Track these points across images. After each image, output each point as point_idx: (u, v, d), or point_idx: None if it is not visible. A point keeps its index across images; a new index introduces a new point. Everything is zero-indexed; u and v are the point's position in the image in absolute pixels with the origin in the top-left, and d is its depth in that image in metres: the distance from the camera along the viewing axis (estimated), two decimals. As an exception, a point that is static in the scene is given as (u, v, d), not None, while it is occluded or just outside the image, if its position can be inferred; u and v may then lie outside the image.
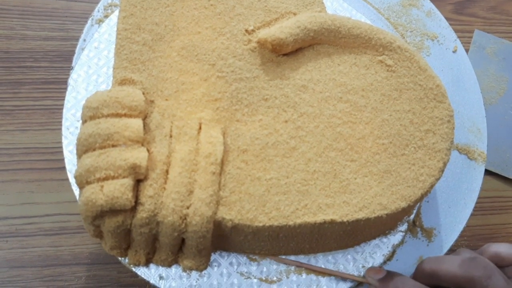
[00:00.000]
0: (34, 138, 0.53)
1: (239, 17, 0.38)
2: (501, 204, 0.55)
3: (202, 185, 0.32)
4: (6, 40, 0.58)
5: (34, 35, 0.58)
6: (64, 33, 0.59)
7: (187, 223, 0.32)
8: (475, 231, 0.53)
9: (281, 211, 0.33)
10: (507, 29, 0.64)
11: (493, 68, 0.61)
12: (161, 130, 0.34)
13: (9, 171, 0.52)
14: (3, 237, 0.49)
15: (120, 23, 0.36)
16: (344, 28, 0.38)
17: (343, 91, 0.37)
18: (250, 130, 0.35)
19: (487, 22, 0.65)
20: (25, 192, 0.51)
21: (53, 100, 0.55)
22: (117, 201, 0.31)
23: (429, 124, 0.37)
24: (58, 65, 0.57)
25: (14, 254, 0.48)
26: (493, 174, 0.55)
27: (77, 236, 0.50)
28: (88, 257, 0.49)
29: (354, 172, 0.35)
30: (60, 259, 0.49)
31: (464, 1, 0.65)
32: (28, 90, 0.56)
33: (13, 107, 0.55)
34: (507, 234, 0.53)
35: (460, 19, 0.64)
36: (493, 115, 0.59)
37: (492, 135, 0.56)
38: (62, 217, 0.50)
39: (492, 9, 0.66)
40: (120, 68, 0.35)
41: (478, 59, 0.61)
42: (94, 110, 0.33)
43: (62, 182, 0.52)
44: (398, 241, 0.40)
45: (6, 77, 0.56)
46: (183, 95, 0.35)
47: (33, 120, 0.54)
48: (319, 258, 0.38)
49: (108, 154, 0.32)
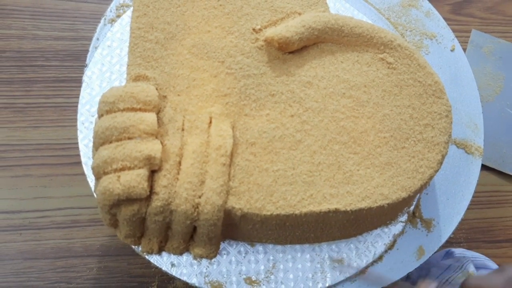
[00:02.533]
0: (45, 134, 0.55)
1: (246, 17, 0.40)
2: (498, 198, 0.57)
3: (213, 175, 0.34)
4: (18, 40, 0.60)
5: (45, 35, 0.60)
6: (74, 33, 0.61)
7: (199, 211, 0.34)
8: (472, 224, 0.55)
9: (288, 200, 0.35)
10: (503, 29, 0.66)
11: (490, 66, 0.63)
12: (173, 124, 0.36)
13: (22, 166, 0.54)
14: (17, 230, 0.51)
15: (133, 22, 0.38)
16: (347, 27, 0.40)
17: (346, 87, 0.39)
18: (258, 124, 0.37)
19: (484, 22, 0.67)
20: (38, 186, 0.53)
21: (64, 98, 0.57)
22: (134, 190, 0.32)
23: (428, 119, 0.39)
24: (68, 64, 0.59)
25: (28, 246, 0.50)
26: (490, 169, 0.57)
27: (88, 229, 0.52)
28: (99, 249, 0.51)
29: (357, 164, 0.37)
30: (72, 251, 0.50)
31: (462, 1, 0.67)
32: (39, 88, 0.58)
33: (25, 105, 0.56)
34: (503, 227, 0.55)
35: (457, 19, 0.66)
36: (490, 112, 0.61)
37: (489, 132, 0.58)
38: (73, 211, 0.52)
39: (489, 9, 0.68)
40: (134, 65, 0.37)
41: (475, 58, 0.63)
42: (110, 104, 0.35)
43: (73, 177, 0.54)
44: (398, 231, 0.41)
45: (18, 76, 0.58)
46: (194, 90, 0.37)
47: (45, 117, 0.56)
48: (323, 247, 0.40)
49: (124, 146, 0.33)
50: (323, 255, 0.39)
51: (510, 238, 0.54)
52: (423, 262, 0.42)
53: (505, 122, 0.59)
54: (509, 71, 0.62)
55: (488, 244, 0.54)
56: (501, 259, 0.53)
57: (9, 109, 0.57)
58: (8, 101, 0.57)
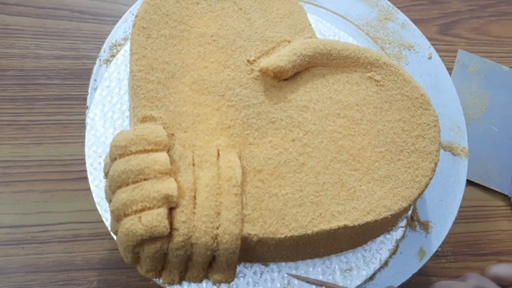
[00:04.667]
0: (47, 151, 0.57)
1: (240, 49, 0.42)
2: (483, 213, 0.60)
3: (228, 206, 0.36)
4: (21, 58, 0.62)
5: (47, 54, 0.62)
6: (75, 52, 0.63)
7: (218, 242, 0.36)
8: (459, 237, 0.58)
9: (299, 222, 0.37)
10: (489, 49, 0.69)
11: (476, 85, 0.66)
12: (184, 160, 0.37)
13: (24, 182, 0.55)
14: (20, 244, 0.52)
15: (133, 65, 0.40)
16: (334, 51, 0.42)
17: (340, 107, 0.42)
18: (262, 152, 0.39)
19: (470, 42, 0.70)
20: (40, 201, 0.55)
21: (66, 115, 0.59)
22: (156, 229, 0.34)
23: (418, 130, 0.42)
24: (69, 82, 0.61)
25: (30, 260, 0.52)
26: (476, 185, 0.61)
27: (89, 243, 0.53)
28: (99, 263, 0.52)
29: (359, 180, 0.39)
30: (73, 264, 0.52)
31: (449, 22, 0.71)
32: (41, 106, 0.59)
33: (28, 122, 0.58)
34: (489, 241, 0.58)
35: (444, 39, 0.69)
36: (475, 130, 0.64)
37: (475, 148, 0.61)
38: (74, 225, 0.54)
39: (475, 30, 0.71)
40: (139, 107, 0.38)
41: (461, 77, 0.66)
42: (122, 148, 0.36)
43: (74, 192, 0.56)
44: (400, 236, 0.44)
45: (21, 94, 0.60)
46: (199, 126, 0.39)
47: (47, 134, 0.58)
48: (332, 259, 0.42)
49: (142, 187, 0.35)
50: (333, 266, 0.42)
51: (495, 252, 0.58)
52: (425, 262, 0.44)
53: (490, 139, 0.62)
54: (494, 90, 0.65)
55: (474, 257, 0.57)
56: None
57: (12, 126, 0.58)
58: (11, 118, 0.59)
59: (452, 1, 0.73)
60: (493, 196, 0.61)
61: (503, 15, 0.73)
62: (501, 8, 0.74)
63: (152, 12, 0.42)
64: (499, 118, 0.65)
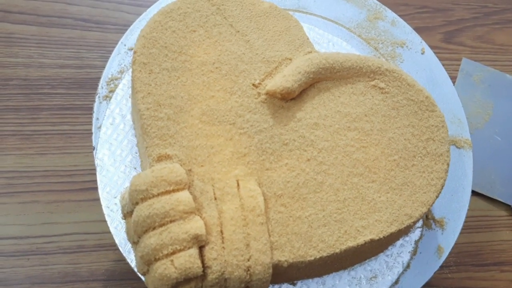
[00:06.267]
0: (52, 161, 0.57)
1: (243, 74, 0.42)
2: (486, 223, 0.61)
3: (256, 236, 0.36)
4: (25, 68, 0.61)
5: (51, 63, 0.61)
6: (79, 61, 0.62)
7: (251, 273, 0.36)
8: (462, 248, 0.58)
9: (326, 242, 0.38)
10: (493, 57, 0.69)
11: (479, 94, 0.66)
12: (206, 195, 0.37)
13: (29, 192, 0.55)
14: (25, 255, 0.52)
15: (140, 103, 0.39)
16: (337, 64, 0.43)
17: (349, 120, 0.42)
18: (280, 176, 0.39)
19: (474, 50, 0.70)
20: (45, 212, 0.54)
21: (70, 125, 0.59)
22: (190, 271, 0.34)
23: (427, 133, 0.42)
24: (73, 92, 0.61)
25: (35, 271, 0.52)
26: (479, 195, 0.61)
27: (94, 254, 0.53)
28: (104, 274, 0.52)
29: (377, 191, 0.40)
30: (78, 275, 0.52)
31: (453, 30, 0.71)
32: (46, 116, 0.59)
33: (32, 132, 0.58)
34: (491, 251, 0.59)
35: (448, 48, 0.69)
36: (479, 139, 0.63)
37: (478, 158, 0.60)
38: (79, 236, 0.54)
39: (479, 38, 0.71)
40: (153, 146, 0.38)
41: (465, 86, 0.66)
42: (143, 192, 0.36)
43: (79, 203, 0.55)
44: (418, 237, 0.45)
45: (25, 103, 0.59)
46: (215, 158, 0.39)
47: (51, 144, 0.58)
48: (357, 269, 0.43)
49: (170, 230, 0.35)
50: (358, 276, 0.42)
51: (497, 262, 0.58)
52: (444, 258, 0.45)
53: (493, 148, 0.62)
54: (497, 98, 0.65)
55: (477, 268, 0.58)
56: (489, 282, 0.57)
57: (17, 136, 0.57)
58: (15, 128, 0.58)
59: (456, 9, 0.73)
60: (496, 206, 0.61)
61: (507, 22, 0.73)
62: (506, 16, 0.74)
63: (150, 46, 0.41)
64: (502, 128, 0.65)
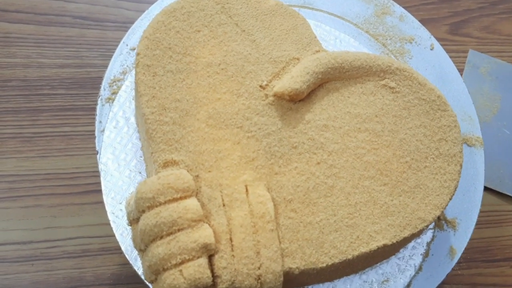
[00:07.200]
0: (54, 164, 0.56)
1: (250, 75, 0.41)
2: (496, 218, 0.59)
3: (266, 244, 0.35)
4: (23, 68, 0.60)
5: (50, 63, 0.60)
6: (79, 60, 0.61)
7: (262, 282, 0.35)
8: (471, 244, 0.56)
9: (338, 248, 0.37)
10: (500, 49, 0.68)
11: (487, 87, 0.64)
12: (214, 202, 0.36)
13: (31, 196, 0.54)
14: (29, 260, 0.51)
15: (145, 107, 0.38)
16: (346, 63, 0.41)
17: (360, 121, 0.41)
18: (290, 180, 0.38)
19: (480, 42, 0.68)
20: (48, 216, 0.53)
21: (71, 126, 0.58)
22: (199, 281, 0.33)
23: (440, 134, 0.41)
24: (74, 92, 0.59)
25: (40, 277, 0.51)
26: (487, 190, 0.59)
27: (99, 258, 0.52)
28: (110, 278, 0.52)
29: (390, 195, 0.39)
30: (83, 280, 0.51)
31: (459, 21, 0.69)
32: (46, 117, 0.58)
33: (33, 134, 0.57)
34: (501, 246, 0.58)
35: (455, 40, 0.68)
36: (487, 133, 0.62)
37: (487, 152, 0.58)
38: (84, 240, 0.53)
39: (485, 28, 0.69)
40: (158, 152, 0.37)
41: (472, 79, 0.65)
42: (150, 200, 0.35)
43: (82, 206, 0.54)
44: (430, 239, 0.44)
45: (25, 105, 0.58)
46: (222, 163, 0.38)
47: (53, 147, 0.56)
48: (369, 273, 0.42)
49: (178, 239, 0.34)
50: (370, 280, 0.42)
51: (507, 257, 0.57)
52: (456, 260, 0.44)
53: (502, 142, 0.61)
54: (505, 91, 0.64)
55: (486, 264, 0.57)
56: (499, 278, 0.56)
57: (17, 139, 0.56)
58: (15, 130, 0.57)
59: (462, -1, 0.72)
60: (505, 201, 0.60)
61: (513, 11, 0.72)
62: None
63: (154, 47, 0.40)
64: (511, 121, 0.63)
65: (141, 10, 0.62)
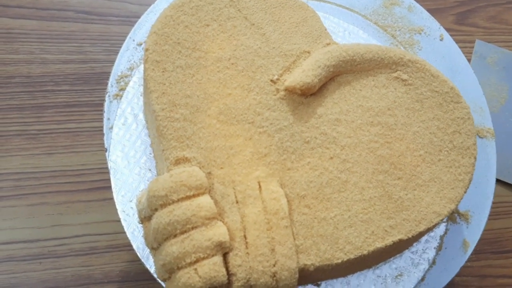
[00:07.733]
0: (59, 161, 0.55)
1: (261, 69, 0.40)
2: (504, 209, 0.59)
3: (280, 241, 0.35)
4: (27, 64, 0.59)
5: (53, 58, 0.60)
6: (83, 56, 0.60)
7: (277, 279, 0.34)
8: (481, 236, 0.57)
9: (353, 243, 0.36)
10: (507, 38, 0.67)
11: (494, 77, 0.63)
12: (227, 199, 0.36)
13: (37, 194, 0.54)
14: (37, 258, 0.51)
15: (155, 104, 0.37)
16: (358, 56, 0.41)
17: (372, 114, 0.40)
18: (303, 175, 0.38)
19: (487, 31, 0.67)
20: (54, 214, 0.53)
21: (76, 123, 0.57)
22: (215, 280, 0.33)
23: (453, 126, 0.40)
24: (78, 88, 0.59)
25: (48, 275, 0.51)
26: (496, 180, 0.58)
27: (107, 255, 0.52)
28: (118, 275, 0.51)
29: (404, 189, 0.38)
30: (92, 278, 0.51)
31: (465, 11, 0.68)
32: (51, 114, 0.57)
33: (38, 131, 0.56)
34: (510, 237, 0.58)
35: (461, 30, 0.67)
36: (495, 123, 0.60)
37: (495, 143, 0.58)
38: (91, 238, 0.53)
39: (492, 18, 0.68)
40: (170, 149, 0.36)
41: (479, 69, 0.64)
42: (163, 198, 0.34)
43: (89, 203, 0.54)
44: (443, 232, 0.44)
45: (29, 102, 0.58)
46: (234, 159, 0.37)
47: (58, 144, 0.56)
48: (382, 267, 0.41)
49: (192, 238, 0.33)
50: (383, 274, 0.41)
51: None
52: (470, 253, 0.44)
53: (510, 132, 0.60)
54: None
55: (496, 255, 0.56)
56: (509, 269, 0.56)
57: (22, 136, 0.56)
58: (20, 128, 0.56)
59: (469, -12, 0.71)
60: None
61: (520, 1, 0.71)
62: (518, -6, 0.71)
63: (163, 42, 0.39)
64: None
65: (144, 4, 0.61)
